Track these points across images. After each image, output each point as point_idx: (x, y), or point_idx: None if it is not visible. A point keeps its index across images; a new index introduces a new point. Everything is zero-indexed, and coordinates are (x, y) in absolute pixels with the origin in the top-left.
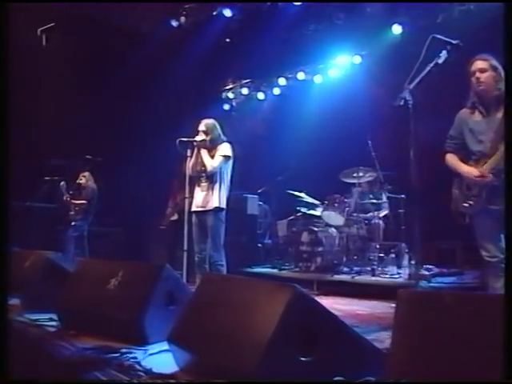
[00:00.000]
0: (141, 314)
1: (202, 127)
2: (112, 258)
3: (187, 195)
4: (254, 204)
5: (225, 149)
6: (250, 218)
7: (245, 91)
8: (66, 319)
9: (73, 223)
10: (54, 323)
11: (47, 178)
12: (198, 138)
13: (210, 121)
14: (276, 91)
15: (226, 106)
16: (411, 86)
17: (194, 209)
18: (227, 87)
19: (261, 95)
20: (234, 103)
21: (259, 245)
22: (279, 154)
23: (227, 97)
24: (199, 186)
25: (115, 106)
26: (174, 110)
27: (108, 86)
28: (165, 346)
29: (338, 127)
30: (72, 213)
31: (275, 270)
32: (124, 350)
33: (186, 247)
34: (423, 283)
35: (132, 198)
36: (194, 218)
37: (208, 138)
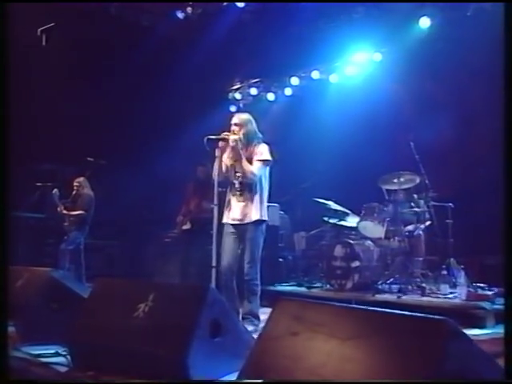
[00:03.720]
0: (182, 350)
1: (235, 120)
2: (109, 274)
3: (215, 202)
4: (274, 214)
5: (264, 151)
6: (271, 229)
7: (253, 91)
8: (80, 355)
9: (67, 235)
10: (62, 359)
11: (39, 184)
12: (232, 136)
13: (245, 115)
14: (287, 92)
15: (233, 108)
16: None
17: (226, 221)
18: (234, 87)
19: (271, 96)
20: (241, 104)
21: (280, 259)
22: (297, 159)
23: (234, 97)
24: (234, 194)
25: (113, 107)
26: (177, 111)
27: (108, 85)
28: None
29: (360, 129)
30: (66, 223)
31: (303, 289)
32: None
33: (214, 263)
34: (487, 304)
35: (132, 207)
36: (226, 228)
37: (242, 136)
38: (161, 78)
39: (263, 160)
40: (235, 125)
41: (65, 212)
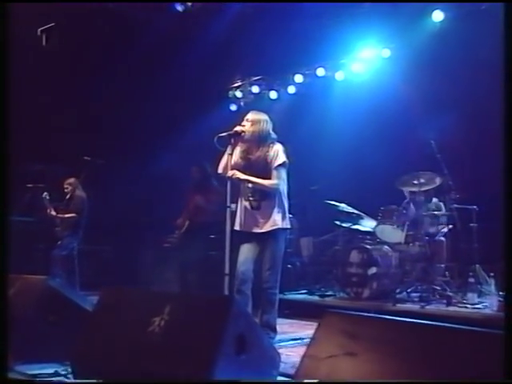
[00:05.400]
0: (206, 370)
1: (248, 116)
2: (103, 282)
3: (228, 204)
4: None
5: (279, 153)
6: None
7: (255, 89)
8: (83, 376)
9: (60, 241)
10: (65, 380)
11: (29, 186)
12: (245, 128)
13: (261, 114)
14: (291, 90)
15: (233, 107)
16: None
17: (242, 229)
18: (235, 85)
19: (273, 94)
20: (242, 103)
21: (289, 266)
22: (303, 160)
23: (235, 96)
24: (247, 199)
25: (108, 106)
26: (175, 109)
27: (104, 83)
28: None
29: (368, 128)
30: (59, 228)
31: (315, 297)
32: None
33: (227, 270)
34: None
35: (128, 209)
36: (242, 236)
37: (252, 133)
38: (158, 75)
39: (280, 165)
40: (247, 120)
41: (57, 215)
